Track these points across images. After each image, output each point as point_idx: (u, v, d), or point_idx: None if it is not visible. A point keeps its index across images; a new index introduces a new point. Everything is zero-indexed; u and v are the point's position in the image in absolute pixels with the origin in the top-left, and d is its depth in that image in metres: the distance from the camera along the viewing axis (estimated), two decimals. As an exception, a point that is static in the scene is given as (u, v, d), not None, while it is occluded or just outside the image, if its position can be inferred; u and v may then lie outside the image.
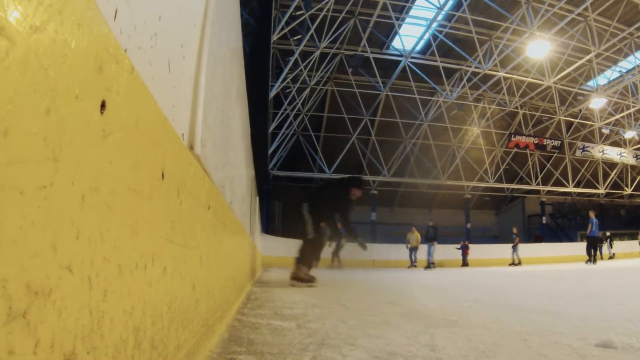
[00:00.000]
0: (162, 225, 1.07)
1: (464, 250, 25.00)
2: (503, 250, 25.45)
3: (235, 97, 3.61)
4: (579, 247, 25.85)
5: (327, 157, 29.81)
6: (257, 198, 11.71)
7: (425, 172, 32.53)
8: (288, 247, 19.70)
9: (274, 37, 22.02)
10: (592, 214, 19.89)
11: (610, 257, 26.23)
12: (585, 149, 34.33)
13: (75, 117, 0.59)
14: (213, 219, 1.93)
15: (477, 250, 25.80)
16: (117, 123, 0.73)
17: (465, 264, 24.37)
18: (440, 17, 24.34)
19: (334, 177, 28.96)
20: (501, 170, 33.63)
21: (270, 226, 21.34)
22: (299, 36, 23.59)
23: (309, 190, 10.63)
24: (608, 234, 27.38)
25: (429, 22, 24.46)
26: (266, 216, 20.01)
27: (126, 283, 0.80)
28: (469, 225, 32.61)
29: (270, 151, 27.64)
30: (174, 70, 1.25)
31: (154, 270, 0.98)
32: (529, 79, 28.13)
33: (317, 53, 24.70)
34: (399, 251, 23.82)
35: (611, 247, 27.05)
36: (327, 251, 20.63)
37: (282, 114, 27.27)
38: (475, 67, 26.79)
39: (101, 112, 0.66)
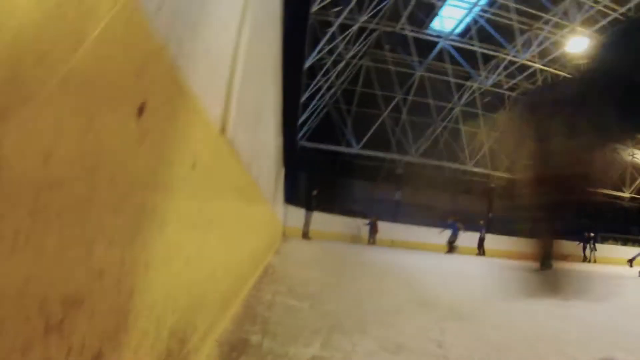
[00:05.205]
0: (189, 214, 1.08)
1: (372, 227, 23.49)
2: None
3: (271, 70, 3.59)
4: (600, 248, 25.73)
5: (356, 132, 29.68)
6: (283, 168, 11.74)
7: (453, 157, 32.23)
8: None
9: (314, 8, 21.83)
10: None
11: (590, 261, 24.63)
12: (616, 150, 33.55)
13: (113, 126, 0.59)
14: (238, 198, 1.94)
15: (497, 241, 25.66)
16: (153, 122, 0.73)
17: (371, 242, 23.05)
18: (482, 1, 23.83)
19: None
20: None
21: (293, 197, 21.35)
22: (339, 8, 23.31)
23: None
24: (592, 234, 26.03)
25: (471, 5, 23.96)
26: (290, 186, 20.02)
27: (151, 279, 0.82)
28: (490, 215, 32.37)
29: (300, 122, 27.62)
30: (212, 56, 1.24)
31: (177, 262, 1.00)
32: (566, 74, 27.56)
33: (356, 27, 24.42)
34: (420, 232, 23.86)
35: (594, 249, 25.43)
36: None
37: (315, 85, 27.12)
38: (513, 56, 26.28)
39: (139, 115, 0.66)
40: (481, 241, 24.50)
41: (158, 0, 0.74)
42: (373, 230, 23.46)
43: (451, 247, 23.06)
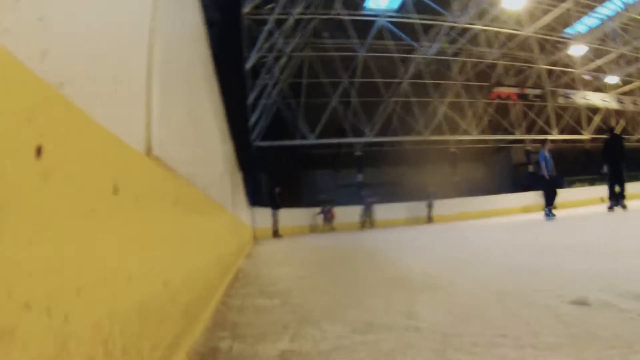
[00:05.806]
0: (122, 236, 1.12)
1: (327, 214, 23.89)
2: (493, 201, 25.98)
3: (202, 79, 3.60)
4: (566, 194, 26.41)
5: (309, 123, 29.74)
6: (241, 172, 11.70)
7: (409, 130, 32.56)
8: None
9: (247, 9, 21.72)
10: None
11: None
12: (568, 96, 34.48)
13: (12, 171, 0.64)
14: (182, 212, 1.97)
15: (466, 203, 26.21)
16: (57, 160, 0.77)
17: (328, 228, 23.53)
18: (412, -27, 24.13)
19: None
20: (485, 122, 33.74)
21: (257, 198, 21.37)
22: (271, 4, 23.27)
23: None
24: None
25: (401, -22, 24.26)
26: (253, 188, 20.01)
27: (87, 303, 0.86)
28: (456, 179, 32.88)
29: (251, 123, 27.49)
30: (121, 83, 1.27)
31: (116, 281, 1.04)
32: (507, 30, 28.08)
33: (291, 20, 24.42)
34: (390, 211, 24.16)
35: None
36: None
37: (261, 84, 27.03)
38: (452, 22, 26.65)
39: (38, 156, 0.71)
40: (429, 209, 24.79)
41: (44, 46, 0.79)
42: (329, 217, 23.66)
43: (363, 222, 23.55)
